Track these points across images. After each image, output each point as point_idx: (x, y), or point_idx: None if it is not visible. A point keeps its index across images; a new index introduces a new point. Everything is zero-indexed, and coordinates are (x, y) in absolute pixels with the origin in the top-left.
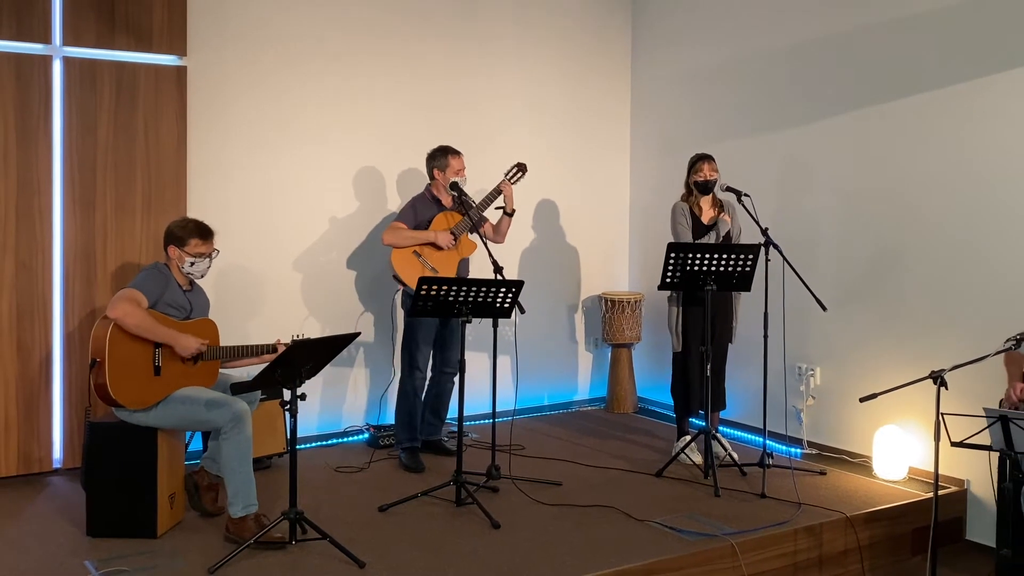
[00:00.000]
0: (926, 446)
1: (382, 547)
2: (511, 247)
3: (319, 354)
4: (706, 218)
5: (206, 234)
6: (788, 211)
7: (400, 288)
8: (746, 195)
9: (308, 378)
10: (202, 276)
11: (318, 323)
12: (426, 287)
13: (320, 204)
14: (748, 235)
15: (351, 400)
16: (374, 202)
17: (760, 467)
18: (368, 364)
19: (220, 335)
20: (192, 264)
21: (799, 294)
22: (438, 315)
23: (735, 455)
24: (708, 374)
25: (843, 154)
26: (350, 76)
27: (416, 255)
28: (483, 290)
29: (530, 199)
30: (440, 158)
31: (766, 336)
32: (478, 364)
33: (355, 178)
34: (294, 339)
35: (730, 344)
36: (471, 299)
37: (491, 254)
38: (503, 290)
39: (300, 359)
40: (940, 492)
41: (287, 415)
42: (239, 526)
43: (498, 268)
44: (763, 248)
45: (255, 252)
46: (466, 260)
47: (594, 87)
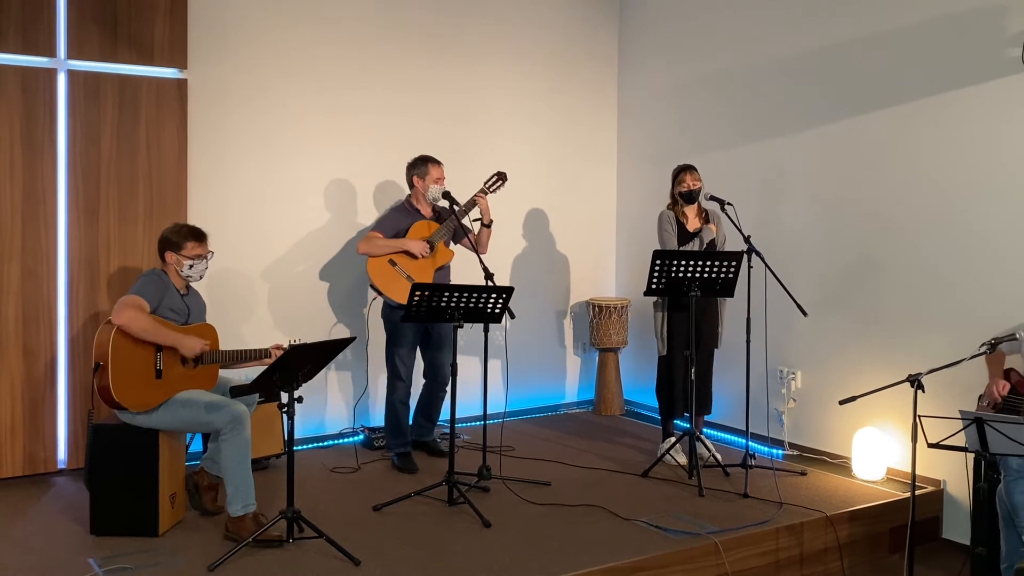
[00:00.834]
0: (903, 447)
1: (377, 545)
2: (502, 254)
3: (315, 358)
4: (691, 227)
5: (200, 236)
6: (769, 219)
7: (375, 296)
8: (729, 204)
9: (305, 381)
10: (200, 277)
11: (318, 327)
12: (419, 293)
13: (317, 211)
14: (731, 243)
15: (332, 404)
16: (369, 213)
17: (743, 468)
18: (348, 369)
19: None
20: (191, 266)
21: (781, 300)
22: (431, 320)
23: (719, 456)
24: (692, 378)
25: (822, 164)
26: (345, 88)
27: (391, 263)
28: (475, 296)
29: (520, 209)
30: (420, 166)
31: (749, 341)
32: (469, 368)
33: (350, 188)
34: (291, 344)
35: (716, 349)
36: (463, 304)
37: (482, 261)
38: (494, 296)
39: (297, 363)
40: (917, 492)
41: (284, 417)
42: (238, 525)
43: (489, 275)
44: (746, 255)
45: (252, 258)
46: (444, 268)
47: (582, 99)
